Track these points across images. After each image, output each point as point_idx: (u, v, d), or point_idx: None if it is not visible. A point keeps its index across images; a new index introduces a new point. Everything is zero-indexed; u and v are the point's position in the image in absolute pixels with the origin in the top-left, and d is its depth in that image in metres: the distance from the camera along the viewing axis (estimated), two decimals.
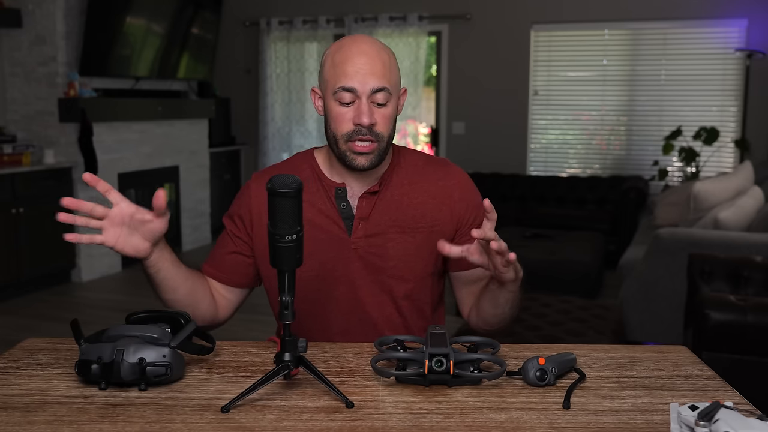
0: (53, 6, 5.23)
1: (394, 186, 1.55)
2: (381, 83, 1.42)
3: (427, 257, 1.55)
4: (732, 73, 6.16)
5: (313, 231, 1.50)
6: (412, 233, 1.53)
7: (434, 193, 1.56)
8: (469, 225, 1.56)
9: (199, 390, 1.18)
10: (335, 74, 1.44)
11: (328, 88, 1.45)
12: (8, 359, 1.31)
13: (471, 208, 1.57)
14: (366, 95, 1.42)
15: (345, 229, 1.52)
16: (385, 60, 1.45)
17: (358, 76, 1.41)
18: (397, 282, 1.54)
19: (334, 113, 1.45)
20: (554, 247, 4.84)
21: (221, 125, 7.23)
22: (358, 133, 1.43)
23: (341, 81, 1.42)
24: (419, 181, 1.56)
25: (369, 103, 1.43)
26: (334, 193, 1.53)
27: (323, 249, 1.51)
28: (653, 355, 1.37)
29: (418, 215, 1.54)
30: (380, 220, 1.53)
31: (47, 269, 5.27)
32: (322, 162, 1.57)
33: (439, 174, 1.58)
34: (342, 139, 1.45)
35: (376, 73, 1.42)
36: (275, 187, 1.12)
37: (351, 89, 1.42)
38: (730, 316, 2.43)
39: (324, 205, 1.53)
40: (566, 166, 6.82)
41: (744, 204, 3.96)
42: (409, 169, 1.57)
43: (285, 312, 1.15)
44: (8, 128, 5.38)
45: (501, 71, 6.73)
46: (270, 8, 7.23)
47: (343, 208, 1.53)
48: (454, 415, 1.08)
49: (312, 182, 1.54)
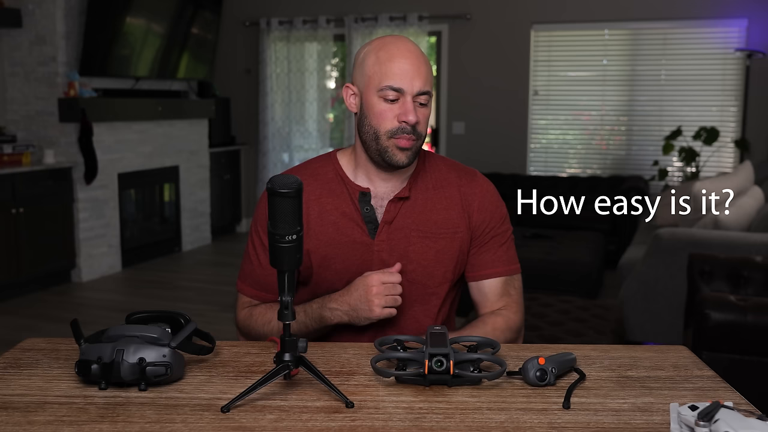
0: (53, 6, 5.23)
1: (419, 191, 1.56)
2: (426, 87, 1.47)
3: (447, 263, 1.56)
4: (732, 73, 6.16)
5: (337, 234, 1.52)
6: (434, 239, 1.54)
7: (457, 199, 1.57)
8: (481, 237, 1.58)
9: (199, 390, 1.18)
10: (380, 72, 1.46)
11: (371, 84, 1.48)
12: (8, 359, 1.31)
13: (488, 220, 1.58)
14: (412, 96, 1.46)
15: (368, 232, 1.53)
16: (427, 62, 1.50)
17: (406, 76, 1.45)
18: (415, 287, 1.55)
19: (377, 110, 1.47)
20: (554, 247, 4.84)
21: (221, 125, 7.23)
22: (403, 131, 1.46)
23: (388, 80, 1.45)
24: (444, 186, 1.58)
25: (414, 103, 1.46)
26: (357, 196, 1.54)
27: (346, 252, 1.52)
28: (653, 355, 1.37)
29: (440, 221, 1.55)
30: (403, 224, 1.54)
31: (47, 269, 5.27)
32: (345, 164, 1.58)
33: (464, 181, 1.60)
34: (385, 135, 1.47)
35: (422, 76, 1.47)
36: (275, 187, 1.12)
37: (398, 89, 1.45)
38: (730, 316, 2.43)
39: (348, 208, 1.54)
40: (566, 166, 6.82)
41: (744, 204, 3.96)
42: (435, 174, 1.59)
43: (285, 312, 1.15)
44: (8, 128, 5.38)
45: (501, 71, 6.73)
46: (270, 8, 7.23)
47: (366, 212, 1.54)
48: (454, 415, 1.08)
49: (336, 184, 1.55)
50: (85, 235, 5.48)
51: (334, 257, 1.52)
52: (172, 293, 5.35)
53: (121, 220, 5.85)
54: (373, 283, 1.43)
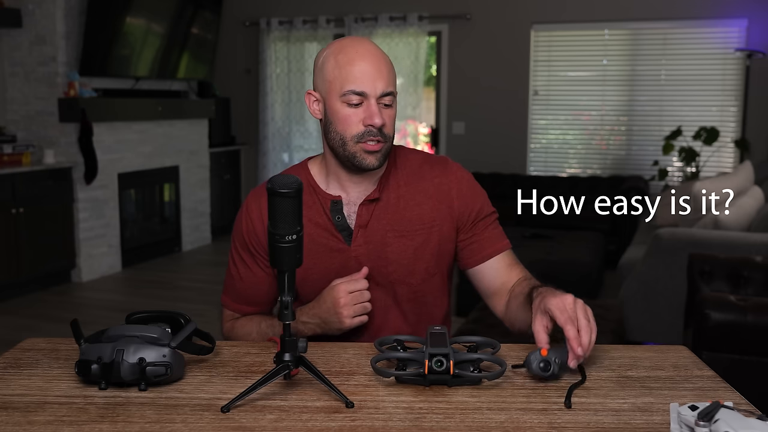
0: (53, 6, 5.23)
1: (391, 189, 1.54)
2: (389, 87, 1.45)
3: (428, 258, 1.54)
4: (732, 73, 6.16)
5: (313, 245, 1.50)
6: (411, 236, 1.53)
7: (432, 192, 1.55)
8: (470, 222, 1.57)
9: (199, 390, 1.18)
10: (341, 76, 1.43)
11: (332, 89, 1.45)
12: (8, 359, 1.31)
13: (470, 205, 1.57)
14: (375, 98, 1.44)
15: (343, 239, 1.52)
16: (388, 62, 1.47)
17: (368, 79, 1.43)
18: (399, 286, 1.54)
19: (341, 115, 1.45)
20: (554, 247, 4.84)
21: (221, 125, 7.23)
22: (369, 134, 1.44)
23: (350, 84, 1.43)
24: (416, 181, 1.56)
25: (378, 106, 1.44)
26: (329, 205, 1.53)
27: (325, 262, 1.51)
28: (653, 355, 1.37)
29: (414, 217, 1.53)
30: (378, 227, 1.52)
31: (47, 269, 5.27)
32: (316, 173, 1.57)
33: (436, 172, 1.57)
34: (352, 140, 1.45)
35: (384, 77, 1.44)
36: (275, 187, 1.12)
37: (361, 93, 1.43)
38: (730, 316, 2.43)
39: (320, 218, 1.52)
40: (566, 166, 6.82)
41: (744, 204, 3.96)
42: (406, 170, 1.57)
43: (285, 312, 1.15)
44: (8, 128, 5.38)
45: (501, 71, 6.72)
46: (270, 8, 7.23)
47: (338, 220, 1.52)
48: (454, 415, 1.08)
49: (307, 195, 1.51)
50: (85, 235, 5.48)
51: (313, 267, 1.50)
52: (172, 293, 5.35)
53: (121, 220, 5.85)
54: (340, 294, 1.43)
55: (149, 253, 6.23)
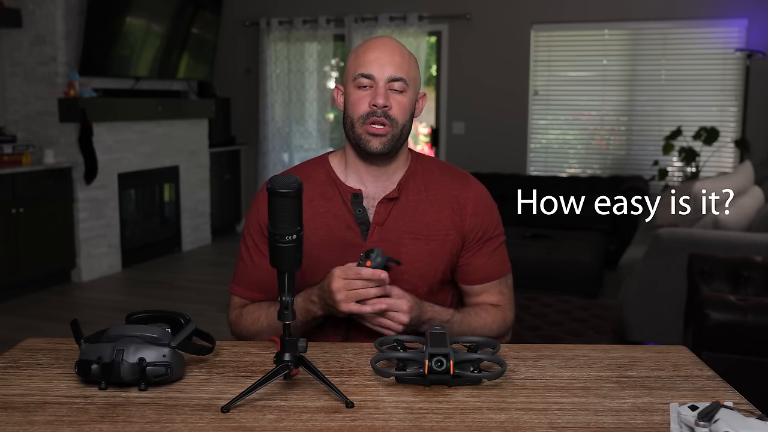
0: (53, 6, 5.23)
1: (411, 192, 1.56)
2: (398, 73, 1.48)
3: (438, 265, 1.56)
4: (732, 73, 6.16)
5: (329, 236, 1.52)
6: (426, 240, 1.54)
7: (449, 202, 1.57)
8: (474, 241, 1.57)
9: (199, 390, 1.18)
10: (356, 63, 1.50)
11: (349, 77, 1.51)
12: (8, 359, 1.31)
13: (481, 224, 1.58)
14: (383, 81, 1.48)
15: (360, 234, 1.53)
16: (404, 54, 1.51)
17: (377, 63, 1.48)
18: (408, 288, 1.54)
19: (352, 98, 1.50)
20: (554, 247, 4.84)
21: (221, 125, 7.23)
22: (374, 115, 1.47)
23: (361, 68, 1.48)
24: (436, 189, 1.58)
25: (386, 89, 1.48)
26: (350, 198, 1.54)
27: (338, 255, 1.52)
28: (653, 355, 1.36)
29: (432, 223, 1.55)
30: (395, 226, 1.53)
31: (47, 269, 5.27)
32: (336, 166, 1.59)
33: (457, 184, 1.59)
34: (358, 121, 1.49)
35: (395, 63, 1.48)
36: (275, 187, 1.12)
37: (369, 75, 1.47)
38: (730, 316, 2.43)
39: (340, 210, 1.54)
40: (566, 166, 6.82)
41: (744, 204, 3.96)
42: (428, 176, 1.59)
43: (285, 312, 1.15)
44: (8, 128, 5.38)
45: (501, 71, 6.72)
46: (270, 8, 7.23)
47: (359, 213, 1.54)
48: (454, 415, 1.08)
49: (328, 187, 1.55)
50: (85, 235, 5.48)
51: (325, 259, 1.51)
52: (172, 293, 5.35)
53: (121, 220, 5.85)
54: (333, 279, 1.41)
55: (149, 253, 6.23)
